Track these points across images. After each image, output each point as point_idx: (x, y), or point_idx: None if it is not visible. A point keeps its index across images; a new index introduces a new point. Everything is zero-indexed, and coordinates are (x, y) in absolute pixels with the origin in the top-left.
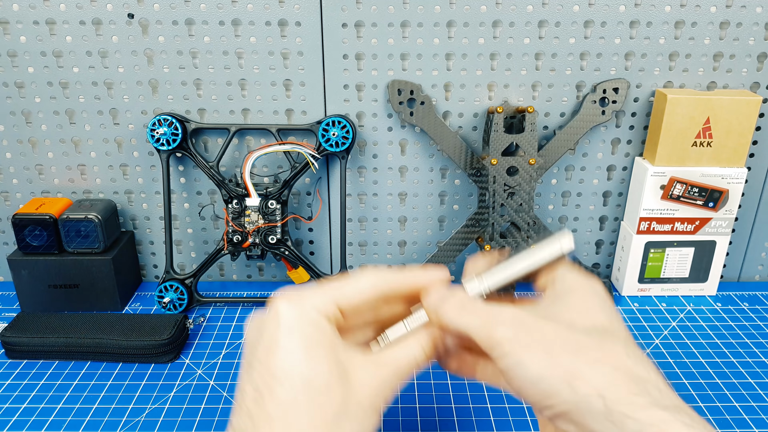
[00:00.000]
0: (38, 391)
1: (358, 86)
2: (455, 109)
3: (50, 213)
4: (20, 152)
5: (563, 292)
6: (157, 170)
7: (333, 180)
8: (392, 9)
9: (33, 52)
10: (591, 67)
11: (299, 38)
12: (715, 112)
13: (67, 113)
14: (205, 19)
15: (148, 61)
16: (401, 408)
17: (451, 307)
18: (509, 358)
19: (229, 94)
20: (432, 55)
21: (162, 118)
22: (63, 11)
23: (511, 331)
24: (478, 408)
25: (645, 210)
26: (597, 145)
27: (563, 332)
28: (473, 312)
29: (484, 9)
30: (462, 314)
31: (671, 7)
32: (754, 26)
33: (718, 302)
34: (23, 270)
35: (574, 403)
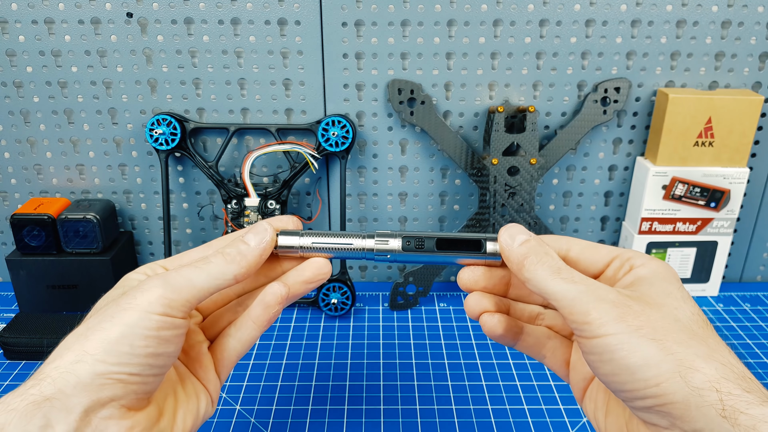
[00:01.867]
0: None
1: (358, 86)
2: (456, 109)
3: (49, 213)
4: (18, 152)
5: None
6: (155, 170)
7: (333, 180)
8: (392, 8)
9: (31, 52)
10: (592, 66)
11: (299, 37)
12: (716, 111)
13: (65, 113)
14: (204, 18)
15: (146, 61)
16: (401, 409)
17: (545, 266)
18: (609, 339)
19: (228, 94)
20: (432, 55)
21: (161, 117)
22: (62, 10)
23: (617, 311)
24: (479, 409)
25: (646, 210)
26: (598, 145)
27: (671, 322)
28: (572, 279)
29: (485, 8)
30: (556, 278)
31: (673, 6)
32: (755, 25)
33: (720, 303)
34: (21, 270)
35: (683, 396)
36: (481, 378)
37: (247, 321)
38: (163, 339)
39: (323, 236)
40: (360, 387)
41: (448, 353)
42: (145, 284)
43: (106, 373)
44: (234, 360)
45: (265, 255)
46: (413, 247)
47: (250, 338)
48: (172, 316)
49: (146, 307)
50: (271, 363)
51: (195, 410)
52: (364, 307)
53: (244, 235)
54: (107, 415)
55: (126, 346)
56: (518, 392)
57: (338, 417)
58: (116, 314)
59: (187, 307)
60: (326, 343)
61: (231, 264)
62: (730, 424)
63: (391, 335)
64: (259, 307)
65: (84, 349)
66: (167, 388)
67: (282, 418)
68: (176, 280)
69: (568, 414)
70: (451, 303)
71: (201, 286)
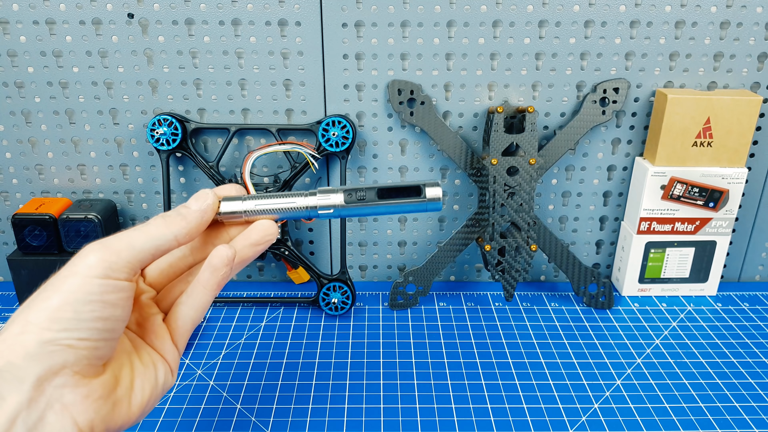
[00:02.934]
0: None
1: (358, 86)
2: (455, 109)
3: (50, 213)
4: (20, 152)
5: None
6: (157, 170)
7: (333, 180)
8: (392, 9)
9: (33, 52)
10: (591, 67)
11: (299, 38)
12: (715, 112)
13: (66, 113)
14: (205, 18)
15: (147, 61)
16: (401, 408)
17: None
18: None
19: (229, 94)
20: (432, 55)
21: (162, 118)
22: (63, 11)
23: None
24: (479, 408)
25: (645, 210)
26: (597, 145)
27: None
28: None
29: (485, 9)
30: None
31: (671, 7)
32: (754, 26)
33: (719, 302)
34: (23, 270)
35: None
36: (481, 378)
37: (197, 286)
38: (108, 303)
39: (266, 198)
40: (360, 386)
41: (448, 353)
42: (84, 250)
43: (53, 340)
44: (189, 328)
45: (206, 217)
46: (355, 200)
47: (202, 303)
48: (114, 278)
49: (86, 272)
50: (271, 362)
51: (153, 379)
52: (364, 307)
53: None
54: (61, 383)
55: (70, 312)
56: (517, 391)
57: (338, 416)
58: (57, 282)
59: (129, 269)
60: (326, 343)
61: (171, 225)
62: None
63: (391, 335)
64: (207, 271)
65: (27, 319)
66: (122, 359)
67: (282, 417)
68: (114, 243)
69: (568, 413)
70: (450, 302)
71: (141, 247)
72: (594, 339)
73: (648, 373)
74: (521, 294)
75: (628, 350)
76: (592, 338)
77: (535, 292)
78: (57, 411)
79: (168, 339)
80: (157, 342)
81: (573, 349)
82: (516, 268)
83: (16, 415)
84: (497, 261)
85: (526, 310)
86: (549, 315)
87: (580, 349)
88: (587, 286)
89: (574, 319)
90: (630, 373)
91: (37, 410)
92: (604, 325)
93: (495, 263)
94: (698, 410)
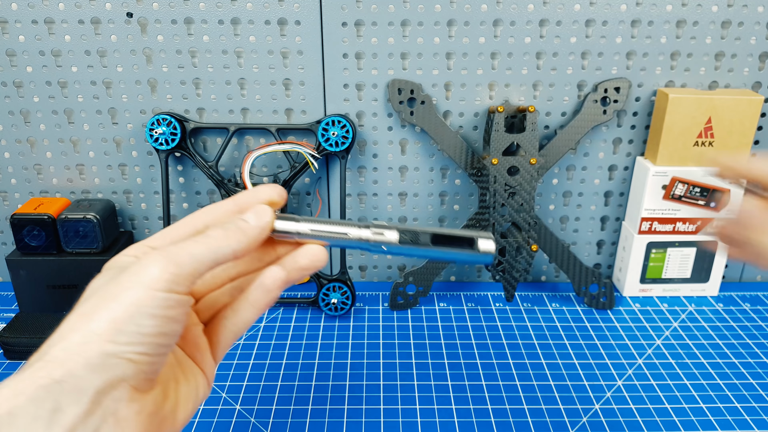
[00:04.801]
0: None
1: (358, 85)
2: (456, 109)
3: (49, 213)
4: (19, 152)
5: None
6: (155, 170)
7: (333, 180)
8: (392, 8)
9: (31, 52)
10: (592, 66)
11: (299, 37)
12: (716, 111)
13: (65, 113)
14: (204, 18)
15: (146, 61)
16: (401, 409)
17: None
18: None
19: (228, 94)
20: (432, 55)
21: (161, 117)
22: (62, 10)
23: None
24: (479, 409)
25: (646, 210)
26: (598, 145)
27: None
28: None
29: (485, 8)
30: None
31: (673, 6)
32: (755, 25)
33: (720, 303)
34: (22, 270)
35: None
36: (481, 378)
37: (245, 304)
38: (169, 317)
39: (319, 223)
40: (360, 387)
41: (448, 353)
42: (146, 260)
43: (115, 353)
44: (230, 343)
45: (263, 234)
46: (408, 240)
47: (247, 321)
48: (177, 292)
49: (151, 284)
50: (271, 363)
51: (195, 393)
52: (364, 307)
53: (244, 214)
54: (117, 397)
55: (133, 325)
56: (518, 392)
57: (338, 417)
58: (120, 293)
59: (190, 282)
60: (326, 343)
61: (231, 239)
62: None
63: (391, 335)
64: (258, 291)
65: (90, 329)
66: (168, 372)
67: (282, 418)
68: (178, 254)
69: (568, 414)
70: (451, 303)
71: (202, 259)
72: (595, 339)
73: (649, 374)
74: (522, 294)
75: (629, 351)
76: (593, 339)
77: (535, 292)
78: (110, 425)
79: (208, 352)
80: (198, 354)
81: (574, 349)
82: (517, 268)
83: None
84: (498, 261)
85: (526, 311)
86: (550, 315)
87: (581, 349)
88: (588, 286)
89: (575, 320)
90: (631, 374)
91: (93, 424)
92: (605, 325)
93: (495, 263)
94: (699, 411)
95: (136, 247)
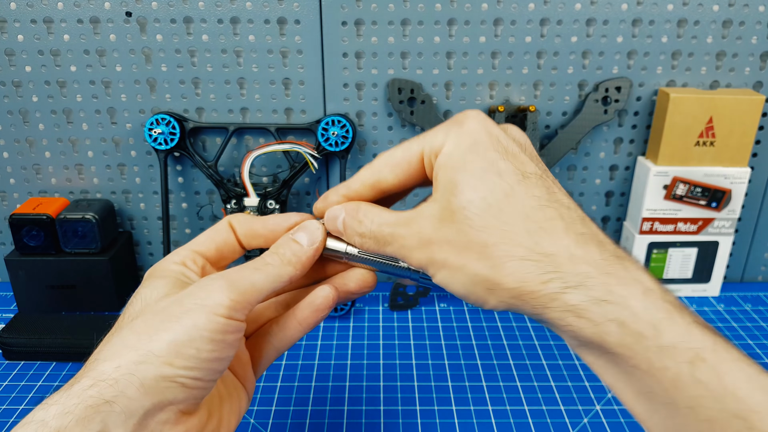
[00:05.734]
0: (36, 393)
1: (357, 85)
2: (456, 108)
3: (47, 213)
4: (17, 152)
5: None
6: (154, 170)
7: (333, 180)
8: (392, 7)
9: (30, 51)
10: (593, 65)
11: (298, 36)
12: (718, 111)
13: (64, 112)
14: (204, 17)
15: (146, 60)
16: (401, 409)
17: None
18: (436, 280)
19: (227, 93)
20: (433, 54)
21: (160, 117)
22: (60, 10)
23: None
24: (479, 409)
25: (648, 210)
26: (599, 145)
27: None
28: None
29: (486, 7)
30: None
31: (674, 6)
32: (756, 25)
33: (721, 303)
34: (20, 270)
35: (505, 306)
36: (481, 378)
37: (292, 321)
38: (227, 343)
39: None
40: (360, 387)
41: (448, 353)
42: (208, 285)
43: (171, 377)
44: (273, 358)
45: (316, 256)
46: None
47: (293, 339)
48: (235, 319)
49: (213, 309)
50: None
51: (237, 408)
52: (364, 308)
53: (294, 234)
54: (164, 419)
55: (193, 349)
56: (518, 392)
57: (338, 418)
58: (182, 315)
59: (248, 310)
60: (326, 344)
61: (288, 266)
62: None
63: (391, 336)
64: (308, 310)
65: (149, 348)
66: (213, 391)
67: (282, 419)
68: (240, 282)
69: (569, 415)
70: (451, 303)
71: (261, 287)
72: None
73: None
74: None
75: None
76: None
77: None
78: None
79: (250, 366)
80: (240, 369)
81: None
82: None
83: None
84: None
85: None
86: None
87: None
88: None
89: None
90: None
91: None
92: None
93: None
94: None
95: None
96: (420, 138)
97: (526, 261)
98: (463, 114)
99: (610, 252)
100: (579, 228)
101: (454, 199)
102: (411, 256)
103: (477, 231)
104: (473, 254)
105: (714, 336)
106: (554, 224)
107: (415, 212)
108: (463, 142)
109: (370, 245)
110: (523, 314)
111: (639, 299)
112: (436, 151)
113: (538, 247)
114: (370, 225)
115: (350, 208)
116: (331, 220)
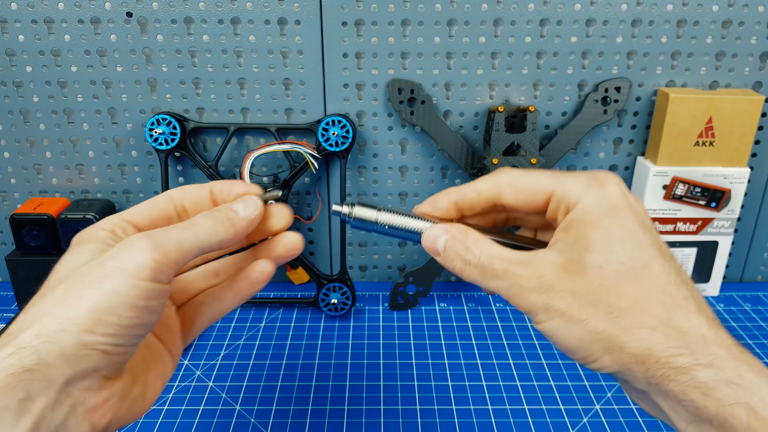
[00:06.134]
0: None
1: (358, 85)
2: (456, 109)
3: (48, 213)
4: (18, 152)
5: (584, 222)
6: (155, 170)
7: (333, 180)
8: (392, 7)
9: (31, 51)
10: (593, 66)
11: (299, 37)
12: (717, 111)
13: (65, 112)
14: (204, 17)
15: (146, 60)
16: (401, 409)
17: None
18: (543, 327)
19: (228, 94)
20: (433, 54)
21: (160, 117)
22: (61, 10)
23: (542, 299)
24: (479, 409)
25: (647, 210)
26: (599, 145)
27: (596, 289)
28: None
29: (485, 7)
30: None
31: (673, 6)
32: (756, 25)
33: (721, 303)
34: (21, 270)
35: (618, 368)
36: (481, 378)
37: (227, 293)
38: (150, 309)
39: (397, 215)
40: (360, 387)
41: (448, 353)
42: (131, 244)
43: (91, 344)
44: (205, 327)
45: (252, 226)
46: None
47: (227, 309)
48: (159, 282)
49: (135, 272)
50: (271, 363)
51: (162, 373)
52: (364, 307)
53: (232, 204)
54: (87, 386)
55: (114, 316)
56: (519, 392)
57: (338, 417)
58: (103, 279)
59: (173, 271)
60: (326, 343)
61: (219, 229)
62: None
63: (391, 335)
64: (245, 282)
65: (69, 316)
66: (137, 356)
67: (282, 418)
68: (164, 241)
69: (569, 414)
70: (451, 303)
71: (188, 246)
72: None
73: None
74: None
75: None
76: None
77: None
78: (79, 415)
79: (178, 333)
80: (168, 336)
81: None
82: None
83: (41, 419)
84: None
85: None
86: None
87: None
88: None
89: None
90: None
91: (61, 413)
92: None
93: None
94: None
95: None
96: (553, 177)
97: (656, 332)
98: (604, 174)
99: (734, 341)
100: (709, 312)
101: (588, 255)
102: (524, 296)
103: (609, 292)
104: (599, 312)
105: None
106: (688, 304)
107: (533, 255)
108: (603, 204)
109: (473, 274)
110: (628, 381)
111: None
112: (571, 202)
113: (672, 322)
114: (480, 255)
115: (457, 233)
116: (430, 238)
